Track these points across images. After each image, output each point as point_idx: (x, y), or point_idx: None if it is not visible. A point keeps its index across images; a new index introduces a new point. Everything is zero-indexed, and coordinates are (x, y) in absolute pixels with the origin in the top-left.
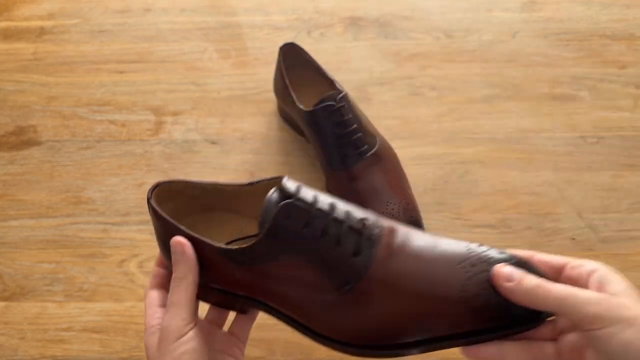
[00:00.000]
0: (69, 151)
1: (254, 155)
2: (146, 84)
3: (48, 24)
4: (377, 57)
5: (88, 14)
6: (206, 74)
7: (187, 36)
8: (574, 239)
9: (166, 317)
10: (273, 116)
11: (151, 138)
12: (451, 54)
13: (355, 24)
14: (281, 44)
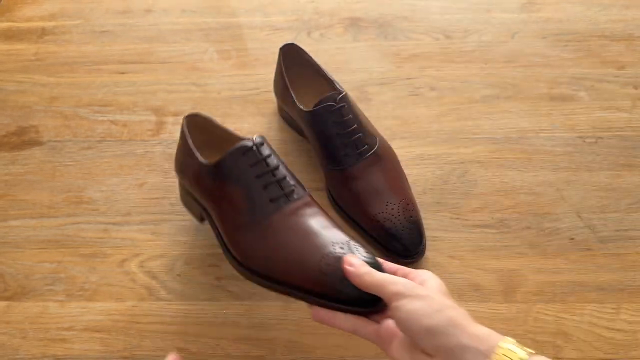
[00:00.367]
0: (70, 151)
1: None
2: (147, 85)
3: (49, 24)
4: (377, 58)
5: (89, 15)
6: (207, 75)
7: (187, 37)
8: (572, 238)
9: None
10: (273, 116)
11: (152, 138)
12: (451, 54)
13: (355, 24)
14: (281, 44)
